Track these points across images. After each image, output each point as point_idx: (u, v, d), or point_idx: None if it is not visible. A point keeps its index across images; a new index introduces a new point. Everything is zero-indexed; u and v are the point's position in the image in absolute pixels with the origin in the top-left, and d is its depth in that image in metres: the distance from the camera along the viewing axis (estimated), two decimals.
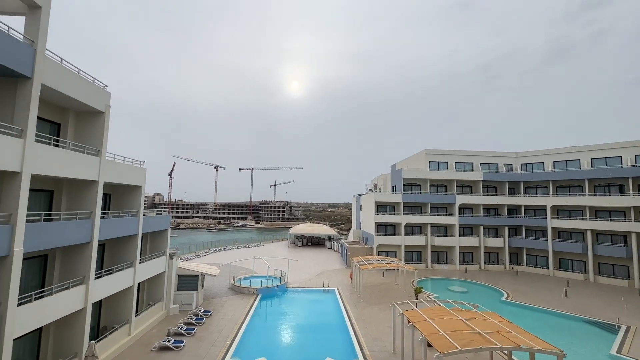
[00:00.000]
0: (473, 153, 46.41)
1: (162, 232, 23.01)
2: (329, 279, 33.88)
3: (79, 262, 14.64)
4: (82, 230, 14.13)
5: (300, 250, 55.33)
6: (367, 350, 17.61)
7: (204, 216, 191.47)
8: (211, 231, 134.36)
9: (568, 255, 38.76)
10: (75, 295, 13.83)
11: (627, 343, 19.28)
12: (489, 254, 43.24)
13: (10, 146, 10.59)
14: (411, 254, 42.83)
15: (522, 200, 43.09)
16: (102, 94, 15.57)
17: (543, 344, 12.53)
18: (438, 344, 12.38)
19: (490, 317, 15.27)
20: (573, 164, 40.56)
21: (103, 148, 15.47)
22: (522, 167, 45.38)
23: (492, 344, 12.29)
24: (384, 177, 54.66)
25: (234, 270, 35.19)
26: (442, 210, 44.28)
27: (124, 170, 17.68)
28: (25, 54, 11.23)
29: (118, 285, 17.11)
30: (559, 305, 26.54)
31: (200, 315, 22.11)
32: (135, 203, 19.29)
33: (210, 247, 54.93)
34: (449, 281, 35.20)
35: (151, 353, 16.86)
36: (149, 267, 20.44)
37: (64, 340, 14.18)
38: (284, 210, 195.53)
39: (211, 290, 28.98)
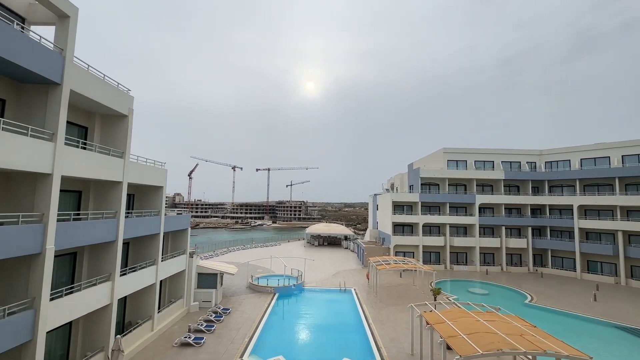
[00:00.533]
0: (493, 151, 44.99)
1: (182, 231, 23.64)
2: (345, 279, 33.78)
3: (105, 259, 15.29)
4: (108, 229, 14.74)
5: (316, 250, 55.46)
6: (385, 351, 17.44)
7: (222, 216, 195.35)
8: (229, 230, 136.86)
9: (597, 257, 36.93)
10: (102, 291, 14.44)
11: None
12: (511, 255, 41.82)
13: (43, 149, 11.18)
14: (429, 254, 42.04)
15: (547, 199, 41.40)
16: (125, 98, 16.18)
17: (570, 349, 12.00)
18: (458, 347, 12.10)
19: (513, 320, 14.78)
20: (602, 162, 38.58)
21: (127, 150, 16.07)
22: (547, 165, 43.57)
23: (515, 347, 11.89)
24: (401, 176, 53.93)
25: (252, 269, 35.71)
26: (461, 210, 43.22)
27: (146, 171, 18.29)
28: (56, 61, 11.82)
29: (141, 282, 17.73)
30: (587, 310, 25.34)
31: (219, 313, 22.58)
32: (157, 203, 19.92)
33: (229, 246, 55.95)
34: (468, 283, 34.31)
35: (173, 348, 17.38)
36: (171, 265, 21.06)
37: (92, 334, 14.84)
38: (300, 210, 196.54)
39: (229, 288, 29.53)
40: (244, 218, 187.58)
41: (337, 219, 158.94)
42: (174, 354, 16.80)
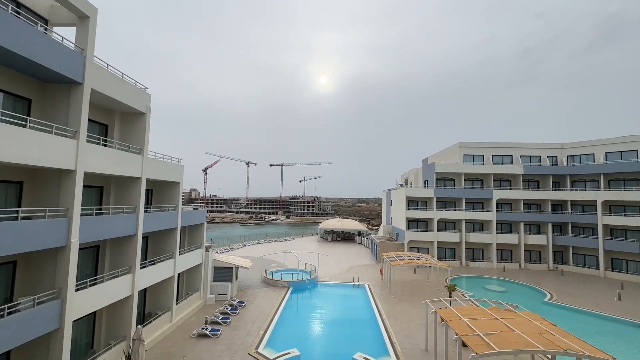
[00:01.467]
0: (512, 145, 43.64)
1: (198, 225, 24.17)
2: (359, 274, 33.79)
3: (126, 253, 15.84)
4: (128, 223, 15.24)
5: (330, 245, 55.63)
6: (399, 347, 17.40)
7: (236, 211, 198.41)
8: (243, 225, 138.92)
9: (622, 255, 35.44)
10: (123, 283, 15.00)
11: None
12: (530, 252, 40.68)
13: (67, 146, 11.62)
14: (444, 250, 41.43)
15: (568, 195, 39.92)
16: (143, 96, 16.57)
17: (592, 349, 11.61)
18: (474, 344, 11.92)
19: (532, 319, 14.43)
20: (629, 155, 36.79)
21: (145, 147, 16.50)
22: (569, 160, 41.94)
23: (534, 346, 11.61)
24: (415, 171, 53.16)
25: (266, 263, 36.18)
26: (477, 206, 42.29)
27: (163, 167, 18.75)
28: (77, 61, 12.20)
29: (160, 275, 18.29)
30: (611, 309, 24.44)
31: (235, 306, 23.06)
32: (174, 198, 20.42)
33: (243, 240, 56.85)
34: (485, 279, 33.66)
35: (191, 339, 17.91)
36: (188, 259, 21.62)
37: (115, 324, 15.47)
38: (314, 205, 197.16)
39: (245, 282, 30.07)
40: (258, 213, 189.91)
41: (351, 215, 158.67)
42: (191, 344, 17.31)
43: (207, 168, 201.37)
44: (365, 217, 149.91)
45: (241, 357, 16.03)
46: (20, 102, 12.10)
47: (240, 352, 16.55)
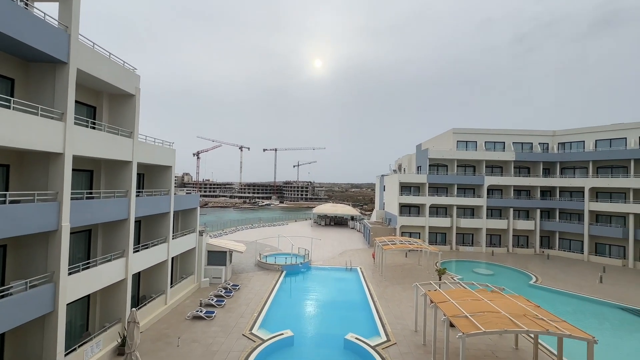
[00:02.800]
0: (505, 132, 43.92)
1: (192, 210, 24.10)
2: (351, 258, 34.37)
3: (118, 237, 15.78)
4: (120, 207, 15.11)
5: (323, 229, 56.20)
6: (390, 327, 17.97)
7: (230, 195, 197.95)
8: (237, 210, 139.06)
9: (605, 240, 36.65)
10: (116, 267, 15.02)
11: None
12: (518, 237, 41.77)
13: (54, 129, 11.31)
14: (435, 235, 42.24)
15: (557, 181, 40.69)
16: (132, 77, 16.07)
17: (573, 329, 12.16)
18: (461, 325, 12.37)
19: (517, 300, 14.97)
20: (618, 143, 37.42)
21: (135, 130, 16.16)
22: (560, 147, 42.50)
23: (518, 326, 12.10)
24: (409, 157, 53.36)
25: (260, 247, 36.51)
26: (469, 192, 42.90)
27: (155, 151, 18.45)
28: (61, 39, 11.70)
29: (154, 258, 18.35)
30: (593, 291, 25.47)
31: (229, 289, 23.38)
32: (166, 182, 20.23)
33: (237, 225, 57.05)
34: (474, 263, 34.60)
35: (185, 321, 18.20)
36: (181, 243, 21.67)
37: (109, 307, 15.60)
38: (307, 190, 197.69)
39: (238, 265, 30.38)
40: (251, 198, 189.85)
41: (344, 200, 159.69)
42: (186, 326, 17.60)
43: (199, 152, 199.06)
44: (359, 202, 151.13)
45: (236, 338, 16.39)
46: (2, 82, 11.65)
47: (235, 333, 16.91)
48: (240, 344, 15.77)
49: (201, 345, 15.55)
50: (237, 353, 14.86)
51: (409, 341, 16.48)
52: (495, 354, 15.47)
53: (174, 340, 15.87)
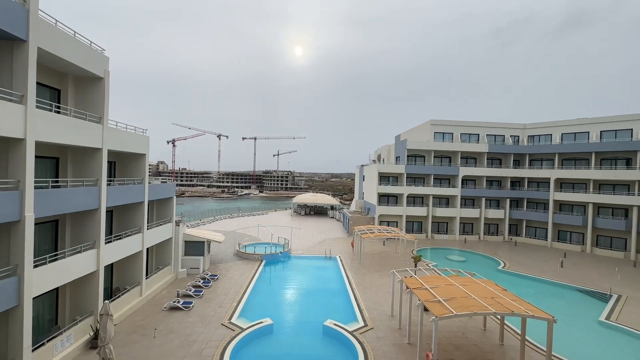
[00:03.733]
0: (479, 124, 45.44)
1: (167, 199, 23.41)
2: (331, 246, 34.84)
3: (88, 227, 15.10)
4: (89, 196, 14.40)
5: (303, 219, 56.41)
6: (367, 313, 18.52)
7: (207, 185, 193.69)
8: (215, 199, 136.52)
9: (567, 228, 39.25)
10: (87, 258, 14.41)
11: (617, 311, 20.06)
12: (489, 225, 43.86)
13: (13, 112, 10.50)
14: (412, 224, 43.54)
15: (526, 172, 42.82)
16: (100, 58, 15.11)
17: (535, 310, 13.06)
18: (434, 309, 12.95)
19: (486, 285, 15.82)
20: (582, 137, 39.75)
21: (105, 115, 15.31)
22: (529, 139, 44.58)
23: (486, 309, 12.83)
24: (388, 147, 54.16)
25: (239, 237, 36.19)
26: (444, 182, 44.32)
27: (127, 138, 17.63)
28: (18, 14, 10.76)
29: (128, 249, 17.76)
30: (554, 275, 27.34)
31: (208, 279, 23.12)
32: (140, 171, 19.45)
33: (215, 215, 56.08)
34: (448, 250, 36.08)
35: (162, 312, 17.88)
36: (157, 233, 21.07)
37: (80, 299, 15.03)
38: (287, 180, 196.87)
39: (217, 256, 30.03)
40: (230, 187, 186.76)
41: (324, 189, 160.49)
42: (163, 317, 17.31)
43: (175, 140, 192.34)
44: (339, 192, 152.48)
45: (214, 327, 16.33)
46: None
47: (214, 322, 16.84)
48: (219, 333, 15.74)
49: (179, 336, 15.38)
50: (216, 342, 14.83)
51: (385, 326, 17.09)
52: (465, 335, 16.37)
53: (150, 331, 15.59)
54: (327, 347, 15.42)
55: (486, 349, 15.08)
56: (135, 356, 13.63)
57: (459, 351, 14.82)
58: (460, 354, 14.62)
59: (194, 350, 14.21)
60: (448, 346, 15.17)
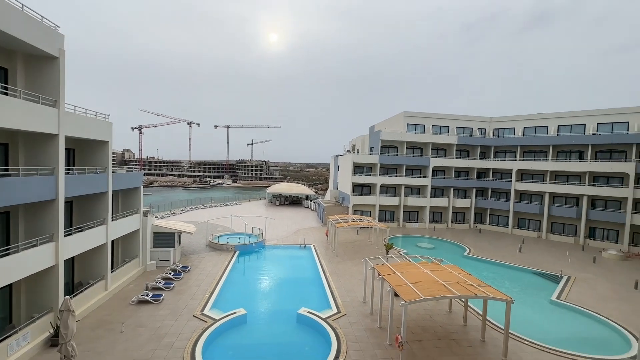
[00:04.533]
0: (449, 117, 47.06)
1: (134, 189, 22.30)
2: (305, 236, 35.04)
3: (45, 219, 14.07)
4: (45, 186, 13.37)
5: (277, 209, 56.12)
6: (340, 300, 18.96)
7: (178, 174, 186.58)
8: (186, 189, 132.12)
9: (526, 215, 42.10)
10: (44, 252, 13.47)
11: (566, 290, 21.99)
12: (456, 213, 46.03)
13: None
14: (385, 213, 44.73)
15: (491, 164, 45.15)
16: (54, 35, 13.84)
17: (495, 292, 14.00)
18: (404, 294, 13.50)
19: (453, 270, 16.68)
20: (541, 130, 42.38)
21: (61, 98, 14.12)
22: (495, 132, 46.88)
23: (452, 293, 13.57)
24: (362, 138, 54.77)
25: (212, 228, 35.41)
26: (416, 172, 45.71)
27: (87, 123, 16.45)
28: None
29: (90, 242, 16.81)
30: (513, 259, 29.36)
31: (179, 271, 22.51)
32: (102, 159, 18.30)
33: (186, 205, 54.37)
34: (418, 238, 37.54)
35: (130, 306, 17.24)
36: (122, 225, 20.09)
37: (38, 296, 14.09)
38: (262, 170, 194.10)
39: (189, 247, 29.25)
40: (202, 177, 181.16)
41: (299, 179, 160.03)
42: (131, 311, 16.70)
43: (141, 127, 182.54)
44: (314, 182, 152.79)
45: (186, 319, 16.01)
46: None
47: (185, 315, 16.49)
48: (191, 325, 15.47)
49: (148, 330, 14.93)
50: (188, 334, 14.58)
51: (357, 312, 17.61)
52: (432, 317, 17.27)
53: (117, 326, 15.00)
54: (301, 334, 15.66)
55: (451, 330, 16.01)
56: (101, 352, 13.09)
57: (426, 333, 15.62)
58: (427, 335, 15.42)
59: (164, 343, 13.88)
60: (416, 328, 15.94)
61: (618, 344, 15.60)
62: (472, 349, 14.39)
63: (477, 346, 14.62)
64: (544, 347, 14.58)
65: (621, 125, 36.71)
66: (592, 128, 38.40)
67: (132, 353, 13.13)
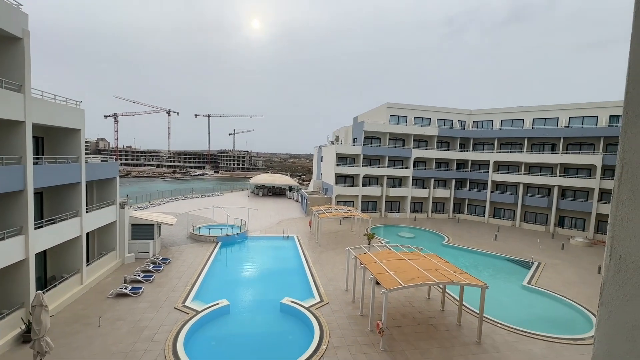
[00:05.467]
0: (431, 109, 47.80)
1: (109, 180, 21.49)
2: (288, 227, 35.07)
3: (13, 211, 13.38)
4: (11, 176, 12.66)
5: (260, 200, 55.70)
6: (323, 289, 19.22)
7: (157, 164, 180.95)
8: (166, 180, 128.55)
9: (502, 205, 43.83)
10: (13, 246, 12.84)
11: (537, 276, 23.23)
12: (436, 203, 47.28)
13: None
14: (367, 203, 45.34)
15: (470, 155, 46.45)
16: (16, 14, 12.89)
17: (471, 278, 14.61)
18: (385, 282, 13.85)
19: (432, 258, 17.23)
20: (517, 123, 43.87)
21: (26, 82, 13.28)
22: (474, 124, 48.10)
23: (430, 280, 14.05)
24: (346, 129, 54.85)
25: (193, 219, 34.77)
26: (398, 163, 46.41)
27: (56, 110, 15.59)
28: None
29: (63, 235, 16.15)
30: (489, 247, 30.62)
31: (158, 263, 22.06)
32: (74, 148, 17.45)
33: (166, 196, 52.97)
34: (399, 228, 38.39)
35: (108, 299, 16.80)
36: (97, 217, 19.39)
37: (8, 291, 13.51)
38: (244, 160, 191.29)
39: (169, 239, 28.66)
40: (182, 167, 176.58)
41: (282, 170, 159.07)
42: (108, 305, 16.28)
43: (116, 115, 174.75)
44: (297, 172, 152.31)
45: (167, 312, 15.79)
46: None
47: (166, 307, 16.26)
48: (172, 317, 15.29)
49: (127, 323, 14.64)
50: (169, 327, 14.41)
51: (340, 300, 17.93)
52: (412, 304, 17.84)
53: (94, 320, 14.61)
54: (284, 323, 15.83)
55: (429, 315, 16.63)
56: (77, 347, 12.74)
57: (405, 319, 16.16)
58: (406, 321, 15.95)
59: (144, 336, 13.68)
60: (396, 315, 16.44)
61: (582, 324, 16.74)
62: (449, 332, 15.03)
63: (454, 330, 15.28)
64: (515, 329, 15.43)
65: (591, 119, 38.55)
66: (564, 121, 40.12)
67: (110, 347, 12.86)
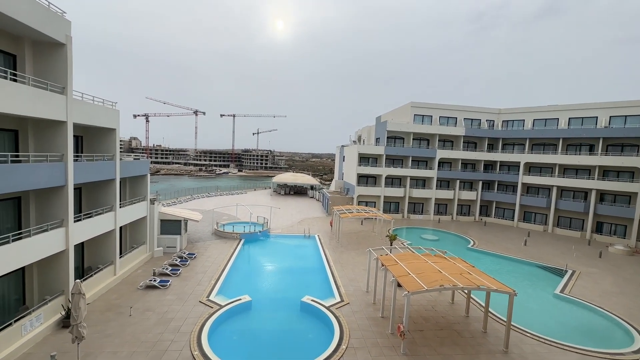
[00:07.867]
0: (458, 108, 46.29)
1: (141, 177, 22.57)
2: (310, 226, 35.27)
3: (55, 205, 14.38)
4: (54, 172, 13.61)
5: (282, 198, 56.39)
6: (343, 289, 19.18)
7: (184, 162, 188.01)
8: (192, 178, 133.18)
9: (532, 209, 41.72)
10: (55, 237, 13.82)
11: (570, 285, 21.92)
12: (461, 206, 45.78)
13: None
14: (389, 204, 44.68)
15: (498, 156, 44.55)
16: (60, 22, 13.83)
17: (498, 284, 14.02)
18: (407, 284, 13.60)
19: (456, 262, 16.72)
20: (551, 123, 41.52)
21: (68, 85, 14.22)
22: (504, 124, 46.09)
23: (455, 284, 13.63)
24: (368, 129, 54.30)
25: (217, 216, 35.80)
26: (422, 164, 45.36)
27: (95, 111, 16.59)
28: None
29: (99, 228, 17.17)
30: (518, 253, 29.26)
31: (185, 258, 22.91)
32: (110, 147, 18.50)
33: (192, 193, 54.87)
34: (422, 230, 37.54)
35: (138, 291, 17.67)
36: (130, 212, 20.43)
37: (50, 279, 14.52)
38: (267, 159, 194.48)
39: (195, 234, 29.68)
40: (208, 165, 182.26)
41: (304, 169, 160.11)
42: (139, 295, 17.13)
43: (148, 115, 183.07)
44: (319, 172, 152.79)
45: (192, 305, 16.38)
46: None
47: (191, 300, 16.88)
48: (197, 310, 15.83)
49: (155, 314, 15.33)
50: (194, 319, 14.94)
51: (360, 301, 17.81)
52: (434, 308, 17.41)
53: (126, 310, 15.43)
54: (304, 322, 15.95)
55: (453, 320, 16.15)
56: (110, 334, 13.51)
57: (428, 323, 15.79)
58: (429, 325, 15.58)
59: (171, 327, 14.27)
60: (418, 318, 16.10)
61: (620, 338, 15.62)
62: (474, 339, 14.52)
63: (479, 337, 14.75)
64: (545, 340, 14.64)
65: (634, 119, 35.79)
66: (604, 121, 37.50)
67: (139, 336, 13.53)
